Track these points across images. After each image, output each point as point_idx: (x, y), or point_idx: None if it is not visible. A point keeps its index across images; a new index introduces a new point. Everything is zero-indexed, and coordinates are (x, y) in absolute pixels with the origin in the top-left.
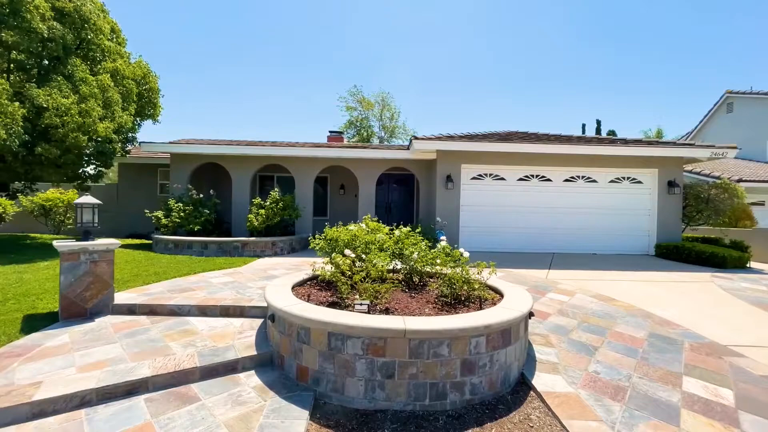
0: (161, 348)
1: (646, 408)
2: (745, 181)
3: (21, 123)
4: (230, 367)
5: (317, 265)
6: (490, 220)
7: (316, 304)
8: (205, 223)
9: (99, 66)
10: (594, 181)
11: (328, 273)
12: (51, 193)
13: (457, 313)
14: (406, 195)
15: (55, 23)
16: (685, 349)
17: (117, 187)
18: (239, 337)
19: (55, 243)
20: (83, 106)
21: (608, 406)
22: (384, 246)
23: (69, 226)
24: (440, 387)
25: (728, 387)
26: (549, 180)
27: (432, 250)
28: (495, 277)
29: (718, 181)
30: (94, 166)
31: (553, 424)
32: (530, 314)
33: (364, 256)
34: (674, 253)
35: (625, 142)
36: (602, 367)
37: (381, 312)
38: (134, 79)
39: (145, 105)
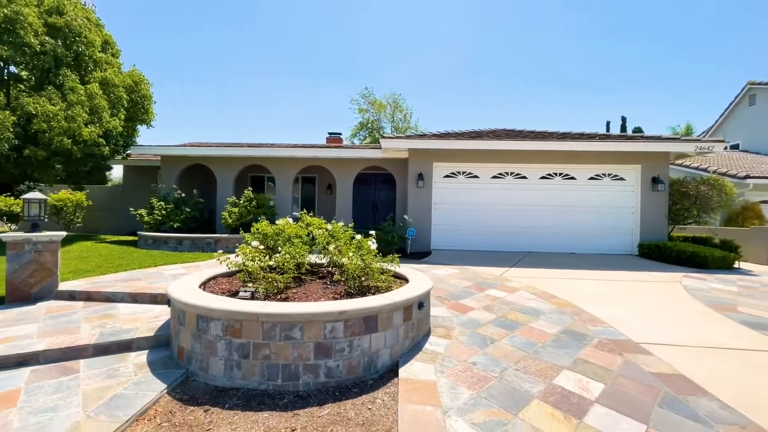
0: (72, 328)
1: (497, 397)
2: (754, 177)
3: (10, 129)
4: (124, 346)
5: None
6: (463, 219)
7: (222, 293)
8: (185, 220)
9: (90, 75)
10: (572, 178)
11: (233, 264)
12: (62, 194)
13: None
14: (393, 194)
15: (47, 38)
16: (591, 345)
17: (121, 188)
18: (151, 321)
19: (1, 234)
20: (69, 112)
21: (459, 394)
22: (318, 240)
23: (78, 224)
24: (293, 368)
25: (603, 382)
26: (524, 177)
27: (372, 247)
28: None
29: (705, 177)
30: (90, 167)
31: (393, 407)
32: (420, 304)
33: (280, 248)
34: (656, 252)
35: (604, 137)
36: (485, 359)
37: (280, 300)
38: (125, 86)
39: (138, 111)
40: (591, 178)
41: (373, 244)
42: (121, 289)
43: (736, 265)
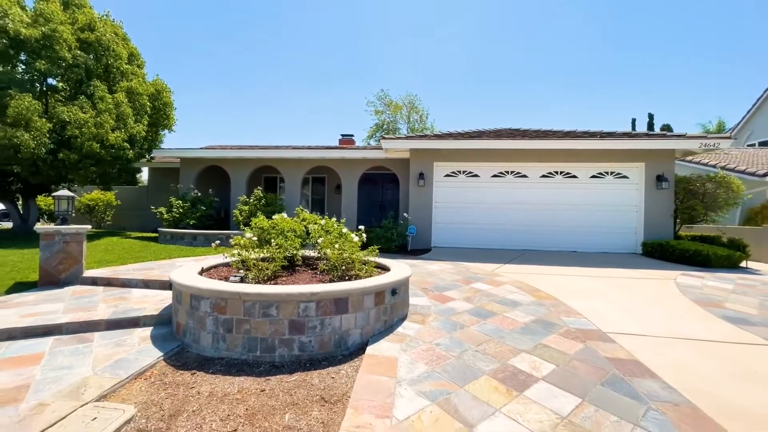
0: (91, 307)
1: (450, 372)
2: None
3: (47, 135)
4: (133, 323)
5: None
6: (463, 217)
7: (219, 278)
8: (200, 217)
9: (117, 85)
10: (574, 176)
11: (228, 253)
12: (95, 194)
13: None
14: (399, 193)
15: (79, 52)
16: (557, 333)
17: (147, 188)
18: (158, 303)
19: (35, 226)
20: (98, 119)
21: (415, 369)
22: (312, 234)
23: (108, 222)
24: (269, 342)
25: (556, 364)
26: (525, 176)
27: (355, 239)
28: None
29: (712, 174)
30: (117, 169)
31: (354, 377)
32: (393, 291)
33: (272, 240)
34: (659, 251)
35: (605, 135)
36: (450, 341)
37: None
38: (148, 95)
39: (161, 117)
40: (593, 177)
41: (356, 238)
42: (136, 276)
43: (744, 265)
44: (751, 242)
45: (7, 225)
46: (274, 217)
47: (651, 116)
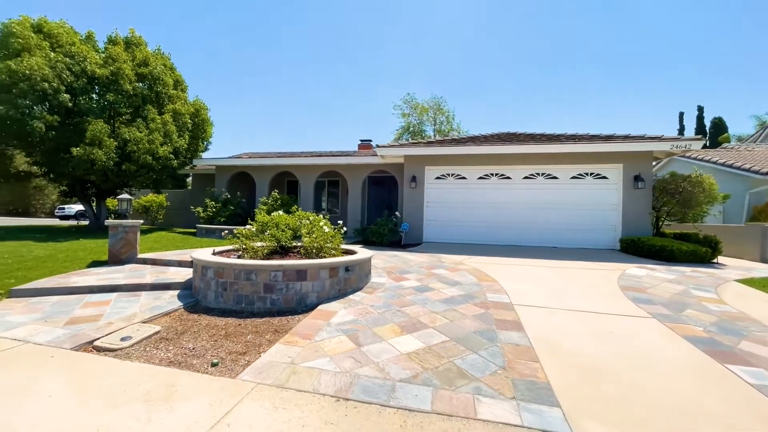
0: (141, 276)
1: (369, 321)
2: None
3: (114, 151)
4: (167, 286)
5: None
6: (452, 215)
7: (226, 257)
8: (229, 216)
9: (165, 108)
10: (554, 177)
11: (233, 240)
12: (150, 197)
13: None
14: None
15: (137, 84)
16: (472, 303)
17: (190, 192)
18: (186, 276)
19: (106, 221)
20: (151, 137)
21: (345, 318)
22: (303, 227)
23: (160, 220)
24: (250, 297)
25: (450, 320)
26: (508, 178)
27: (326, 230)
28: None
29: (686, 175)
30: (165, 176)
31: (301, 320)
32: (346, 268)
33: (267, 231)
34: (632, 247)
35: (583, 139)
36: (383, 304)
37: None
38: (189, 114)
39: (199, 131)
40: (573, 177)
41: (327, 229)
42: (174, 258)
43: (715, 260)
44: (733, 239)
45: (84, 222)
46: (272, 213)
47: (700, 109)
